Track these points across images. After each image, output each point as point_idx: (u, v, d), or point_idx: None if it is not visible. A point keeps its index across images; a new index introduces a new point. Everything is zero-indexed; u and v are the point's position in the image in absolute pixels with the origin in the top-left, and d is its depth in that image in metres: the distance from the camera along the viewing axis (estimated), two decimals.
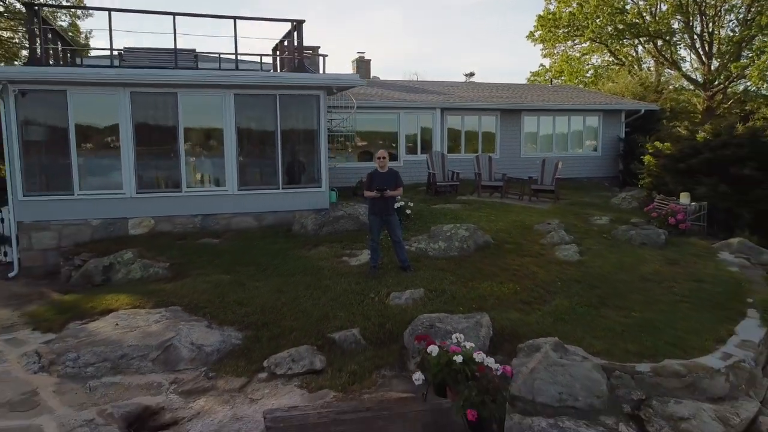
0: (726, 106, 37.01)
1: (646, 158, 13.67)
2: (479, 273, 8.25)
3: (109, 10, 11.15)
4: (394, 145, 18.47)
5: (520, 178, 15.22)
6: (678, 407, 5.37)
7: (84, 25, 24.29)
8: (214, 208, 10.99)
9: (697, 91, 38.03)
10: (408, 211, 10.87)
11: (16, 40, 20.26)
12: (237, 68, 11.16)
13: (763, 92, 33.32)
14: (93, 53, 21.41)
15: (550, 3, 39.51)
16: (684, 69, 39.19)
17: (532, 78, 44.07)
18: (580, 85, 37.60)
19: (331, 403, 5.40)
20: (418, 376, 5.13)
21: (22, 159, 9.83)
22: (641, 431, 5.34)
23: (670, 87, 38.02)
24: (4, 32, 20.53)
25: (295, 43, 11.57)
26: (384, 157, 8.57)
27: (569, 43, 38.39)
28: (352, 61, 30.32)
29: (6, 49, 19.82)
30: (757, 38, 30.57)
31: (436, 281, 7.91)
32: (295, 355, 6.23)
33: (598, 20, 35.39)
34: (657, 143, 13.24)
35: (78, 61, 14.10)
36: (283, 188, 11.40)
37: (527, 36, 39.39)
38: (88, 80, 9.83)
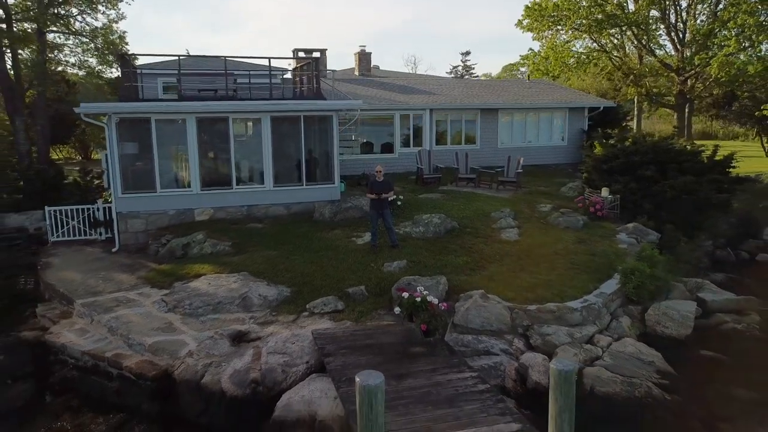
0: (700, 88, 40.26)
1: (586, 157, 17.42)
2: (444, 249, 12.20)
3: (179, 56, 14.80)
4: (391, 135, 22.20)
5: (491, 170, 18.93)
6: (547, 328, 9.36)
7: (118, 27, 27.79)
8: (255, 200, 14.88)
9: (672, 75, 41.24)
10: (399, 203, 14.71)
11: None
12: (271, 97, 14.80)
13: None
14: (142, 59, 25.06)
15: None
16: (660, 55, 42.37)
17: (521, 61, 47.30)
18: (565, 71, 40.85)
19: (348, 327, 9.39)
20: (397, 311, 9.09)
21: (120, 167, 13.68)
22: (527, 343, 9.35)
23: (647, 71, 41.45)
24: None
25: (314, 74, 15.21)
26: (380, 171, 12.35)
27: (554, 30, 41.43)
28: (355, 54, 33.93)
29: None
30: (719, 32, 33.68)
31: (415, 255, 11.86)
32: (325, 301, 10.19)
33: (579, 11, 38.45)
34: (597, 146, 16.95)
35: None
36: (306, 184, 15.26)
37: (516, 24, 42.46)
38: (165, 111, 13.61)
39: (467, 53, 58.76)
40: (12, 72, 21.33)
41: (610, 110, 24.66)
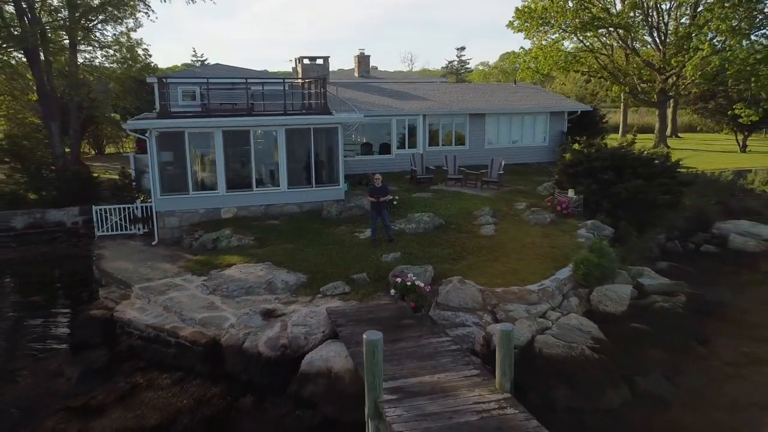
0: (682, 86, 42.61)
1: (558, 161, 19.92)
2: (432, 243, 14.76)
3: (208, 79, 17.25)
4: (388, 134, 24.64)
5: (477, 171, 21.41)
6: (510, 306, 11.93)
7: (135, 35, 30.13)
8: (272, 200, 17.39)
9: (654, 74, 43.58)
10: (395, 203, 17.21)
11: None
12: (285, 112, 17.20)
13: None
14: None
15: None
16: (644, 55, 44.70)
17: (512, 58, 49.62)
18: (555, 69, 43.11)
19: (354, 305, 11.95)
20: (393, 293, 11.66)
21: (159, 172, 16.16)
22: (494, 318, 11.90)
23: (632, 70, 43.80)
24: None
25: (321, 90, 17.64)
26: (378, 178, 14.85)
27: (543, 30, 43.69)
28: (354, 57, 36.33)
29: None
30: (695, 36, 35.99)
31: (407, 248, 14.40)
32: (335, 286, 12.74)
33: (567, 14, 40.71)
34: (568, 153, 19.41)
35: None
36: (315, 186, 17.76)
37: (507, 25, 44.75)
38: (197, 125, 16.08)
39: (462, 48, 60.95)
40: (47, 81, 23.67)
41: (587, 114, 27.15)
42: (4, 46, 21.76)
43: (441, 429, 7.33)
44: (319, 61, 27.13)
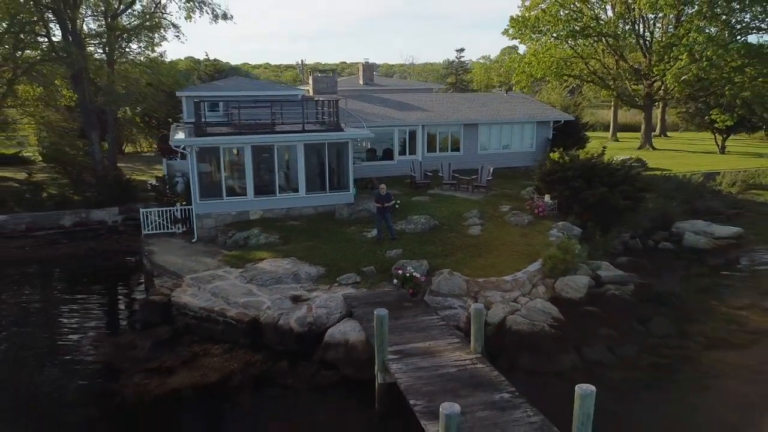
0: (662, 93, 45.50)
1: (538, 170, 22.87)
2: (427, 241, 17.78)
3: (239, 104, 20.27)
4: (391, 139, 27.58)
5: (469, 176, 24.37)
6: (489, 293, 14.98)
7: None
8: (293, 204, 20.41)
9: (640, 79, 46.40)
10: (397, 206, 20.19)
11: None
12: (304, 130, 20.17)
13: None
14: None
15: (525, 2, 47.52)
16: (631, 62, 47.50)
17: (508, 62, 52.46)
18: (548, 73, 45.90)
19: (364, 292, 15.00)
20: (395, 282, 14.72)
21: (198, 181, 19.18)
22: (475, 302, 14.93)
23: (620, 75, 46.64)
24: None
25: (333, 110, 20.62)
26: (383, 187, 17.83)
27: (536, 38, 46.50)
28: (359, 65, 39.26)
29: None
30: (675, 47, 38.79)
31: (407, 245, 17.42)
32: (348, 276, 15.77)
33: (558, 24, 43.52)
34: (547, 162, 22.34)
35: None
36: (328, 192, 20.77)
37: (503, 32, 47.58)
38: (230, 142, 19.07)
39: (461, 50, 63.90)
40: (87, 96, 26.66)
41: (570, 123, 30.10)
42: (55, 67, 24.76)
43: (430, 377, 10.38)
44: (330, 74, 30.10)
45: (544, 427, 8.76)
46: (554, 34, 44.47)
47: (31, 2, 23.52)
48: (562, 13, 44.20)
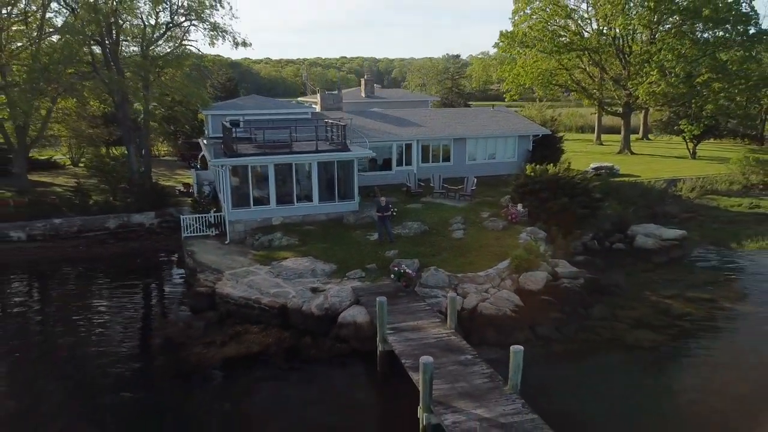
0: (639, 102, 49.42)
1: (513, 181, 26.93)
2: (419, 243, 21.91)
3: (263, 128, 24.32)
4: (389, 150, 31.64)
5: (457, 186, 28.44)
6: (465, 285, 19.14)
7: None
8: (308, 211, 24.52)
9: (619, 89, 50.36)
10: (394, 214, 24.26)
11: None
12: (317, 150, 24.26)
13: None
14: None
15: (516, 16, 51.40)
16: (612, 73, 51.46)
17: (499, 72, 56.43)
18: (536, 84, 49.92)
19: (368, 285, 19.13)
20: (392, 277, 18.86)
21: (231, 193, 23.27)
22: (455, 292, 19.06)
23: (602, 85, 50.62)
24: None
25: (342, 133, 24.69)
26: (383, 198, 21.92)
27: (524, 52, 50.50)
28: (361, 79, 43.27)
29: None
30: (647, 63, 42.76)
31: (402, 247, 21.54)
32: (356, 272, 19.89)
33: (544, 40, 47.48)
34: (526, 172, 26.38)
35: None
36: (337, 201, 24.88)
37: (493, 45, 51.58)
38: (256, 161, 23.17)
39: (457, 56, 67.90)
40: (125, 113, 30.68)
41: (548, 136, 34.20)
42: (94, 83, 28.86)
43: (417, 345, 14.51)
44: (335, 92, 34.15)
45: (492, 375, 12.91)
46: (540, 49, 48.36)
47: (80, 37, 27.44)
48: (548, 29, 48.00)
